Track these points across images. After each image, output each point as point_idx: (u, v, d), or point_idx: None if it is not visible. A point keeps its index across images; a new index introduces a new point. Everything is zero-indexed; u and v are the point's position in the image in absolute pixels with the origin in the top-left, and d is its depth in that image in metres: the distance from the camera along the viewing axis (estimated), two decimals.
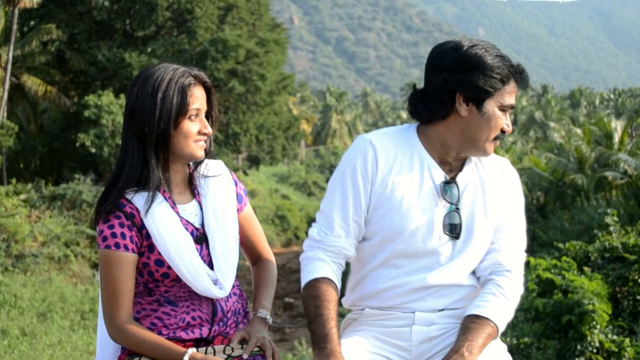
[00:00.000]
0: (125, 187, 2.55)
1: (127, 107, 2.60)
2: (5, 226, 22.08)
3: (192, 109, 2.58)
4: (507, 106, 2.60)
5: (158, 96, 2.55)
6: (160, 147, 2.56)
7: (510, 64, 2.62)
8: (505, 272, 2.64)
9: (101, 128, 29.46)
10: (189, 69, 2.63)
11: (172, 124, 2.55)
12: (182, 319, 2.59)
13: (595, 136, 27.66)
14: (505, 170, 2.74)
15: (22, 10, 28.15)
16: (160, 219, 2.56)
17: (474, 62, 2.57)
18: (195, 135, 2.59)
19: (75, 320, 18.15)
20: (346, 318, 2.84)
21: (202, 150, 2.62)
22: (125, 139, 2.59)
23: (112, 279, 2.53)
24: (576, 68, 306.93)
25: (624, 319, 12.45)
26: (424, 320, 2.63)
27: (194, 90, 2.60)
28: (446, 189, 2.63)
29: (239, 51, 33.49)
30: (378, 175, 2.64)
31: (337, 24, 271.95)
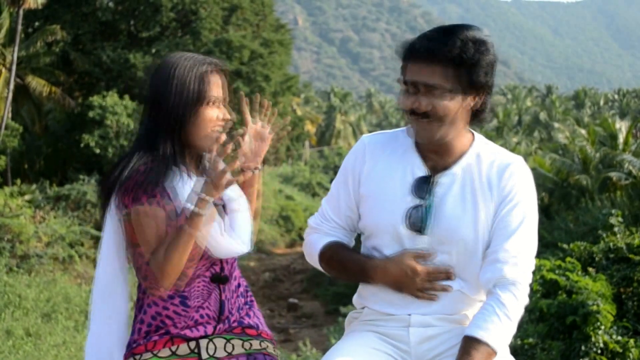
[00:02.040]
0: (158, 167, 2.56)
1: (146, 92, 2.64)
2: (10, 227, 22.11)
3: (212, 96, 2.61)
4: (404, 83, 2.56)
5: (174, 82, 2.58)
6: (179, 132, 2.59)
7: (411, 43, 2.56)
8: (510, 286, 2.53)
9: (105, 129, 29.49)
10: (207, 57, 2.67)
11: (190, 110, 2.58)
12: (191, 317, 2.61)
13: (600, 137, 27.62)
14: (513, 171, 2.61)
15: (26, 11, 28.19)
16: (182, 186, 2.58)
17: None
18: (215, 121, 2.62)
19: (79, 320, 18.15)
20: (348, 316, 2.87)
21: (218, 138, 2.62)
22: (146, 121, 2.63)
23: (149, 232, 2.52)
24: (580, 68, 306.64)
25: (629, 320, 12.43)
26: (420, 322, 2.62)
27: (213, 77, 2.63)
28: (419, 184, 2.61)
29: (243, 52, 33.51)
30: (364, 172, 2.70)
31: (341, 24, 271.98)
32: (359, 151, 2.74)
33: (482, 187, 2.61)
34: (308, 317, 26.59)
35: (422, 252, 2.57)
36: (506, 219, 2.58)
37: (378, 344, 2.64)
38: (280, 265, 32.95)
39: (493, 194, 2.60)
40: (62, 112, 32.49)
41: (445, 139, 2.59)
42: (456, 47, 2.48)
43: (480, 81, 2.53)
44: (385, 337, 2.67)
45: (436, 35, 2.52)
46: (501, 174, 2.61)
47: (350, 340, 2.66)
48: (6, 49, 28.78)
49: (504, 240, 2.56)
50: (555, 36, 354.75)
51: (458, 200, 2.60)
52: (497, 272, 2.55)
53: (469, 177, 2.62)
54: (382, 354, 2.62)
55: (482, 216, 2.59)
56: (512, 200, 2.59)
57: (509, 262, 2.54)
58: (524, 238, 2.58)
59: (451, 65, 2.50)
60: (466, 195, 2.60)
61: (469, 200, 2.60)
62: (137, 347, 2.60)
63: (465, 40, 2.50)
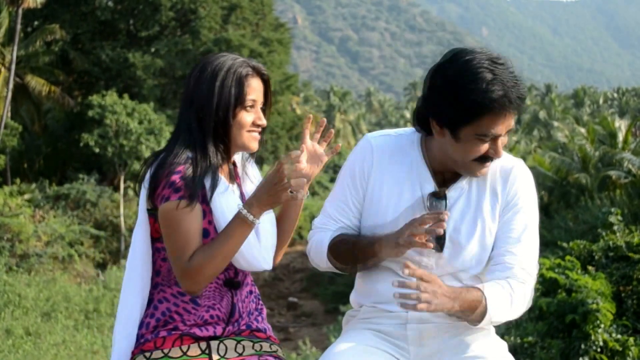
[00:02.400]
0: (201, 171, 2.55)
1: (185, 93, 2.64)
2: (10, 226, 22.12)
3: (249, 100, 2.62)
4: (485, 135, 2.45)
5: (216, 84, 2.59)
6: (219, 135, 2.60)
7: (496, 94, 2.39)
8: (521, 282, 2.54)
9: (105, 128, 29.47)
10: (248, 60, 2.66)
11: (230, 113, 2.59)
12: (201, 317, 2.61)
13: (599, 135, 27.62)
14: (517, 175, 2.62)
15: (26, 10, 28.18)
16: (219, 189, 2.58)
17: (450, 90, 2.44)
18: (250, 125, 2.63)
19: (79, 319, 18.17)
20: (346, 315, 2.87)
21: (256, 141, 2.67)
22: (185, 123, 2.61)
23: (187, 228, 2.51)
24: (580, 67, 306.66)
25: (628, 318, 12.43)
26: (418, 318, 2.62)
27: (251, 81, 2.64)
28: (433, 201, 2.59)
29: (242, 51, 33.49)
30: (371, 176, 2.68)
31: (340, 23, 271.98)
32: (366, 152, 2.70)
33: (488, 196, 2.61)
34: (308, 315, 26.61)
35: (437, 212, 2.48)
36: (511, 223, 2.59)
37: (376, 342, 2.64)
38: (280, 264, 32.92)
39: (498, 200, 2.61)
40: (61, 112, 32.49)
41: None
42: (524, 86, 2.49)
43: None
44: (383, 335, 2.66)
45: (513, 82, 2.43)
46: (505, 180, 2.61)
47: (348, 339, 2.66)
48: (5, 48, 28.78)
49: (511, 244, 2.57)
50: (554, 35, 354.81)
51: (465, 213, 2.60)
52: (506, 271, 2.55)
53: (475, 189, 2.62)
54: (380, 352, 2.61)
55: (489, 224, 2.60)
56: (517, 204, 2.60)
57: (516, 265, 2.55)
58: (529, 242, 2.59)
59: (521, 105, 2.49)
60: (472, 208, 2.61)
61: (474, 212, 2.60)
62: (145, 343, 2.60)
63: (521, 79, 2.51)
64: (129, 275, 2.67)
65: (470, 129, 2.45)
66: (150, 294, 2.66)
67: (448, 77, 2.44)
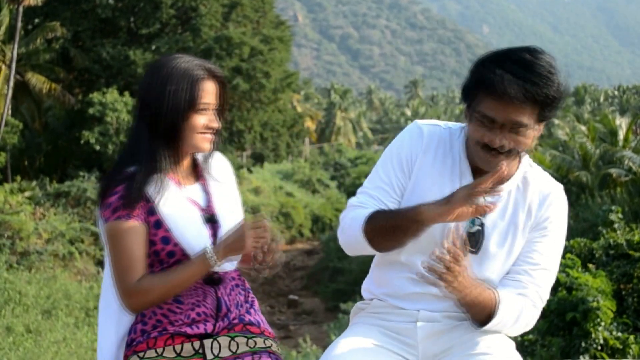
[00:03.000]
0: (144, 175, 2.57)
1: (139, 94, 2.63)
2: (10, 223, 22.13)
3: (202, 103, 2.60)
4: (485, 117, 2.45)
5: (169, 88, 2.56)
6: (169, 137, 2.59)
7: (499, 76, 2.40)
8: (532, 305, 2.58)
9: (105, 125, 29.48)
10: (203, 62, 2.64)
11: (180, 116, 2.57)
12: (187, 316, 2.61)
13: (600, 133, 27.60)
14: (553, 200, 2.62)
15: (26, 8, 28.16)
16: (168, 197, 2.58)
17: (475, 63, 2.51)
18: (202, 128, 2.62)
19: (79, 317, 18.17)
20: (355, 307, 2.86)
21: (209, 143, 2.65)
22: (136, 125, 2.63)
23: (127, 248, 2.54)
24: (580, 65, 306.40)
25: (629, 316, 12.43)
26: (428, 317, 2.62)
27: (206, 84, 2.61)
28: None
29: (243, 49, 33.48)
30: (417, 162, 2.65)
31: (341, 21, 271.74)
32: (416, 138, 2.66)
33: (524, 212, 2.61)
34: (308, 313, 26.61)
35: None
36: (536, 244, 2.60)
37: (383, 340, 2.64)
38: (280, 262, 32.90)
39: (531, 219, 2.61)
40: (62, 109, 32.47)
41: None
42: (552, 89, 2.45)
43: (555, 115, 2.53)
44: (391, 333, 2.66)
45: (531, 76, 2.43)
46: (542, 202, 2.61)
47: (355, 335, 2.65)
48: (6, 45, 28.77)
49: (531, 266, 2.58)
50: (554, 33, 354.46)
51: (499, 221, 2.60)
52: (519, 289, 2.57)
53: (513, 200, 2.62)
54: (385, 351, 2.61)
55: (519, 240, 2.60)
56: (546, 227, 2.60)
57: (530, 287, 2.57)
58: (549, 268, 2.60)
59: (540, 106, 2.47)
60: (506, 218, 2.60)
61: (509, 223, 2.60)
62: (138, 345, 2.61)
63: (558, 81, 2.49)
64: (105, 296, 2.70)
65: (475, 106, 2.47)
66: None
67: (484, 55, 2.52)
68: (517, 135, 2.47)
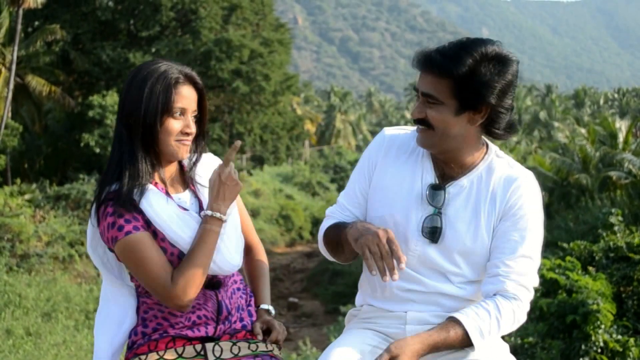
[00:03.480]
0: (129, 184, 2.56)
1: (119, 99, 2.64)
2: (10, 226, 22.12)
3: (176, 107, 2.59)
4: (416, 89, 2.58)
5: (145, 90, 2.56)
6: (147, 141, 2.58)
7: (421, 52, 2.56)
8: (512, 299, 2.53)
9: (105, 128, 29.48)
10: (182, 68, 2.63)
11: (158, 120, 2.56)
12: (188, 318, 2.61)
13: (600, 136, 27.62)
14: (519, 185, 2.59)
15: (26, 10, 28.14)
16: (157, 204, 2.57)
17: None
18: (177, 134, 2.60)
19: (79, 320, 18.16)
20: (348, 314, 2.89)
21: (185, 150, 2.64)
22: (117, 131, 2.62)
23: (148, 256, 2.52)
24: (580, 68, 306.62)
25: (629, 319, 12.44)
26: (417, 319, 2.62)
27: (181, 89, 2.60)
28: (432, 193, 2.60)
29: (243, 51, 33.48)
30: (377, 166, 2.72)
31: (341, 24, 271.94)
32: (379, 143, 2.75)
33: (487, 200, 2.60)
34: (308, 316, 26.59)
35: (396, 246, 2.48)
36: (508, 233, 2.56)
37: (376, 341, 2.65)
38: (280, 265, 32.94)
39: (496, 207, 2.59)
40: (62, 112, 32.47)
41: (444, 149, 2.58)
42: (464, 64, 2.46)
43: (483, 101, 2.49)
44: (384, 335, 2.67)
45: (452, 50, 2.50)
46: (506, 188, 2.59)
47: (348, 338, 2.66)
48: (6, 48, 28.77)
49: (506, 255, 2.55)
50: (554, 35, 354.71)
51: (460, 211, 2.60)
52: (498, 285, 2.54)
53: (475, 189, 2.61)
54: (379, 351, 2.60)
55: (484, 229, 2.58)
56: (515, 215, 2.57)
57: (510, 278, 2.53)
58: (527, 254, 2.56)
59: (454, 82, 2.48)
60: (469, 208, 2.60)
61: (471, 213, 2.59)
62: (139, 348, 2.61)
63: (476, 59, 2.47)
64: (104, 306, 2.74)
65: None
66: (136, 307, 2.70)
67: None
68: (430, 108, 2.53)
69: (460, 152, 2.59)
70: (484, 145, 2.66)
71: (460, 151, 2.59)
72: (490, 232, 2.58)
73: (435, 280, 2.60)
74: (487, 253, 2.58)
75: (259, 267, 2.92)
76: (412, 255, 2.61)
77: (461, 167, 2.62)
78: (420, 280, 2.61)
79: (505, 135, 2.58)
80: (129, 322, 2.69)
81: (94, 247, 2.69)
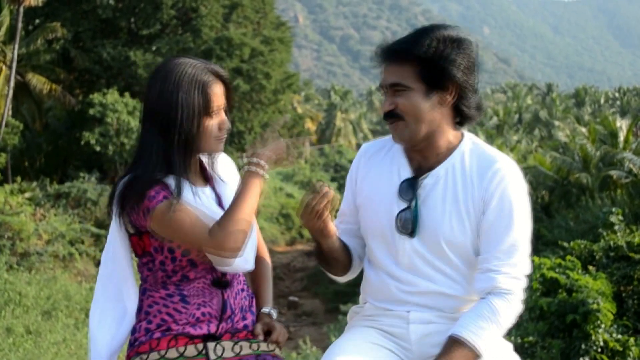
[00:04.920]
0: (159, 176, 2.57)
1: (148, 103, 2.61)
2: (10, 224, 22.12)
3: (214, 107, 2.61)
4: (381, 85, 2.61)
5: (180, 95, 2.56)
6: (183, 144, 2.59)
7: (379, 46, 2.59)
8: (504, 294, 2.51)
9: (106, 126, 29.48)
10: (207, 65, 2.65)
11: (195, 123, 2.57)
12: (192, 315, 2.62)
13: (600, 135, 27.61)
14: (496, 171, 2.55)
15: (27, 8, 28.16)
16: (187, 197, 2.58)
17: None
18: (217, 131, 2.63)
19: (80, 318, 18.15)
20: (350, 311, 2.89)
21: (222, 144, 2.69)
22: (146, 135, 2.61)
23: (187, 211, 2.53)
24: (581, 67, 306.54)
25: (629, 318, 12.43)
26: (420, 319, 2.62)
27: (215, 88, 2.62)
28: (405, 187, 2.61)
29: (243, 49, 33.49)
30: (359, 181, 2.75)
31: (341, 22, 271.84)
32: (357, 158, 2.80)
33: (464, 188, 2.57)
34: (308, 315, 26.60)
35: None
36: (494, 225, 2.54)
37: (379, 339, 2.65)
38: (281, 263, 32.93)
39: (475, 195, 2.56)
40: (62, 110, 32.48)
41: (419, 138, 2.57)
42: (423, 45, 2.47)
43: (450, 79, 2.50)
44: (387, 334, 2.67)
45: (410, 36, 2.53)
46: (483, 175, 2.56)
47: (352, 336, 2.67)
48: (6, 46, 28.77)
49: (494, 248, 2.53)
50: (555, 34, 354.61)
51: (439, 201, 2.58)
52: (490, 282, 2.52)
53: (451, 178, 2.59)
54: (383, 349, 2.62)
55: (465, 218, 2.56)
56: (498, 204, 2.54)
57: (501, 271, 2.52)
58: (514, 243, 2.53)
59: (417, 64, 2.49)
60: (447, 197, 2.58)
61: (451, 202, 2.57)
62: (140, 346, 2.62)
63: (435, 40, 2.49)
64: (97, 301, 2.72)
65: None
66: (140, 301, 2.69)
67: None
68: (400, 97, 2.53)
69: (435, 137, 2.59)
70: (459, 131, 2.65)
71: (434, 136, 2.58)
72: (473, 220, 2.56)
73: (432, 280, 2.60)
74: (475, 243, 2.57)
75: (263, 268, 2.92)
76: (403, 255, 2.61)
77: (437, 156, 2.61)
78: (416, 281, 2.61)
79: (476, 115, 2.59)
80: (129, 320, 2.69)
81: (113, 240, 2.69)
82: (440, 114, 2.55)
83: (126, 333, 2.70)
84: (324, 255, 2.71)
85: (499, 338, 2.53)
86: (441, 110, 2.55)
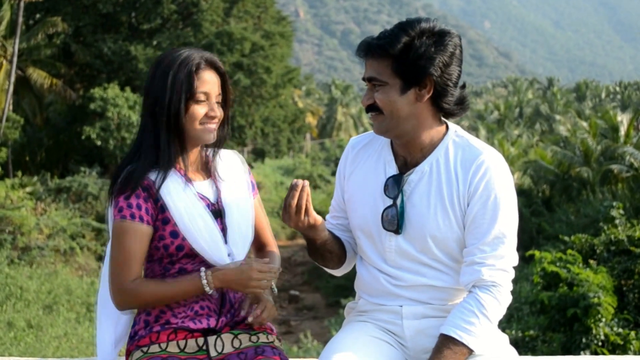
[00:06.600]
0: (143, 165, 2.60)
1: (144, 88, 2.68)
2: (11, 219, 22.13)
3: (200, 93, 2.62)
4: (364, 79, 2.59)
5: (168, 79, 2.60)
6: (172, 128, 2.61)
7: (362, 42, 2.58)
8: (490, 287, 2.50)
9: (107, 121, 29.48)
10: (204, 53, 2.67)
11: (182, 106, 2.60)
12: (191, 308, 2.63)
13: (601, 129, 27.61)
14: (480, 165, 2.53)
15: (27, 3, 28.17)
16: (175, 191, 2.61)
17: None
18: (202, 117, 2.63)
19: (81, 312, 18.17)
20: (347, 306, 2.91)
21: (211, 133, 2.67)
22: (142, 119, 2.67)
23: (126, 247, 2.57)
24: (582, 61, 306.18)
25: (630, 312, 12.45)
26: (413, 313, 2.63)
27: (203, 74, 2.64)
28: (391, 184, 2.61)
29: (244, 44, 33.46)
30: (346, 176, 2.76)
31: (342, 17, 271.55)
32: (345, 154, 2.80)
33: (448, 183, 2.56)
34: (309, 309, 26.64)
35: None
36: (478, 217, 2.53)
37: (377, 332, 2.66)
38: (282, 257, 32.80)
39: (459, 189, 2.55)
40: (63, 104, 32.47)
41: (398, 132, 2.57)
42: (399, 42, 2.47)
43: (426, 75, 2.48)
44: (383, 327, 2.69)
45: (389, 32, 2.52)
46: (467, 168, 2.55)
47: (350, 330, 2.68)
48: (7, 41, 28.76)
49: (479, 241, 2.52)
50: (556, 28, 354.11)
51: (424, 197, 2.57)
52: (475, 274, 2.52)
53: (436, 173, 2.58)
54: (381, 342, 2.64)
55: (450, 213, 2.55)
56: (482, 197, 2.52)
57: (485, 264, 2.51)
58: (499, 235, 2.52)
59: (396, 60, 2.49)
60: (432, 192, 2.57)
61: (436, 197, 2.57)
62: (140, 339, 2.63)
63: (412, 35, 2.48)
64: (104, 292, 2.74)
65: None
66: None
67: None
68: (377, 92, 2.54)
69: (417, 133, 2.58)
70: (442, 125, 2.64)
71: (416, 132, 2.57)
72: (459, 214, 2.55)
73: (419, 273, 2.60)
74: (461, 237, 2.56)
75: (272, 260, 2.91)
76: (390, 251, 2.62)
77: (422, 151, 2.60)
78: (404, 276, 2.62)
79: (458, 111, 2.57)
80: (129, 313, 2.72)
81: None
82: (419, 109, 2.54)
83: (129, 321, 2.73)
84: (319, 249, 2.71)
85: (491, 330, 2.52)
86: (419, 105, 2.53)
